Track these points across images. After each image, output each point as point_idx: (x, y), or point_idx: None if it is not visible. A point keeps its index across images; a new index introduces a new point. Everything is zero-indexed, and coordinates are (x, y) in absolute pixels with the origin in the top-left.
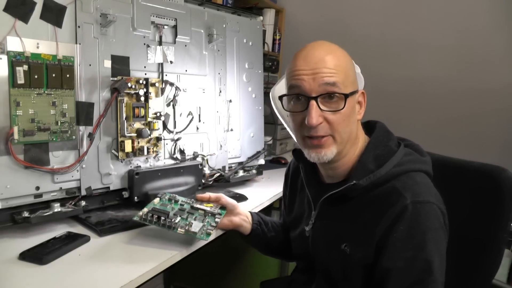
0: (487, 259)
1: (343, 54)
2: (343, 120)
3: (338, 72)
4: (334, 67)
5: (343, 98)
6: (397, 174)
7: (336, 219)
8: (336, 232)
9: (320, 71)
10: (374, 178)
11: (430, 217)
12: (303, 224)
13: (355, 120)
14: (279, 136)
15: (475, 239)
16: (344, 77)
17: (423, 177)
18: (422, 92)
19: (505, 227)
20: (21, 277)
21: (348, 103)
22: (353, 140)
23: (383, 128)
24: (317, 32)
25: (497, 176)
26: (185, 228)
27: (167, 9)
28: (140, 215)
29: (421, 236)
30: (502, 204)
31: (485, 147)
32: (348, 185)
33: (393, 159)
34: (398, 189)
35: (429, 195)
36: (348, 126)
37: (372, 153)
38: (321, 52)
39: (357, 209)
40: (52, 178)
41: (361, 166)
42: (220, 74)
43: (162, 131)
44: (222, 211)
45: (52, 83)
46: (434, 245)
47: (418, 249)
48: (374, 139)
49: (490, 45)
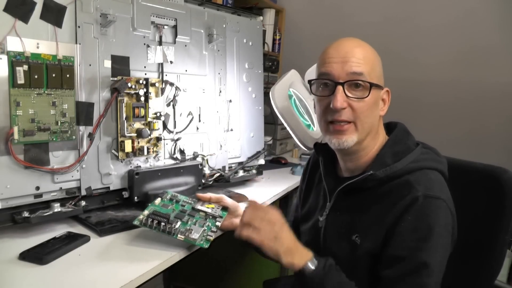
0: (489, 260)
1: (372, 50)
2: (366, 109)
3: (365, 63)
4: (362, 58)
5: (368, 87)
6: (412, 170)
7: (350, 210)
8: (349, 223)
9: (349, 60)
10: (390, 171)
11: (438, 213)
12: (316, 215)
13: (378, 115)
14: (279, 136)
15: (477, 240)
16: (371, 69)
17: (437, 175)
18: (423, 92)
19: (507, 229)
20: (21, 277)
21: (372, 94)
22: (374, 133)
23: (403, 128)
24: (317, 32)
25: (500, 177)
26: (185, 235)
27: (167, 9)
28: (141, 219)
29: (427, 229)
30: (504, 205)
31: (486, 147)
32: (365, 175)
33: (410, 156)
34: (411, 182)
35: (441, 192)
36: (370, 117)
37: (390, 149)
38: (352, 43)
39: (371, 201)
40: (52, 178)
41: (379, 159)
42: (220, 74)
43: (162, 131)
44: (223, 212)
45: (52, 83)
46: (438, 240)
47: (422, 241)
48: (394, 136)
49: (491, 44)
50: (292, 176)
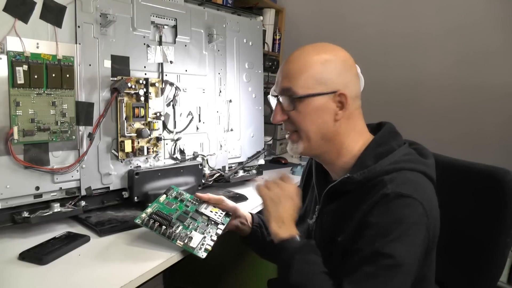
0: (491, 262)
1: (308, 59)
2: (303, 119)
3: (293, 77)
4: (290, 73)
5: (298, 99)
6: (390, 171)
7: (335, 213)
8: (334, 226)
9: (281, 76)
10: (368, 174)
11: (407, 210)
12: (309, 217)
13: (328, 120)
14: (279, 136)
15: (478, 242)
16: (300, 81)
17: (416, 176)
18: (422, 91)
19: (509, 231)
20: (21, 277)
21: (305, 104)
22: (329, 139)
23: (390, 129)
24: (317, 32)
25: (502, 179)
26: (184, 241)
27: (167, 9)
28: (143, 218)
29: (390, 223)
30: (506, 206)
31: (485, 147)
32: (342, 178)
33: (390, 157)
34: (385, 181)
35: (415, 192)
36: (313, 125)
37: (373, 151)
38: (289, 58)
39: (352, 204)
40: (52, 178)
41: (360, 162)
42: (220, 74)
43: (162, 131)
44: (226, 219)
45: (52, 83)
46: (403, 236)
47: (382, 235)
48: (378, 137)
49: (490, 43)
50: (292, 176)
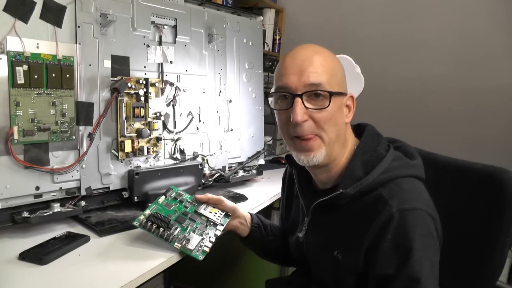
0: (490, 261)
1: (331, 55)
2: (329, 119)
3: (324, 71)
4: (320, 66)
5: (328, 96)
6: (384, 181)
7: (327, 226)
8: (328, 239)
9: (305, 70)
10: (361, 186)
11: (417, 224)
12: (298, 230)
13: (343, 122)
14: (279, 136)
15: (477, 242)
16: (330, 77)
17: (411, 183)
18: (423, 91)
19: (508, 230)
20: (21, 277)
21: (334, 102)
22: (342, 142)
23: (372, 132)
24: (317, 32)
25: (501, 178)
26: (182, 243)
27: (167, 9)
28: (141, 220)
29: (408, 243)
30: (505, 206)
31: (486, 149)
32: (335, 194)
33: (380, 165)
34: (385, 197)
35: (417, 202)
36: (335, 126)
37: (360, 159)
38: (308, 52)
39: (347, 217)
40: (52, 178)
41: (349, 173)
42: (220, 74)
43: (162, 131)
44: (225, 219)
45: (52, 83)
46: (423, 252)
47: (406, 256)
48: (363, 143)
49: (490, 44)
50: None
